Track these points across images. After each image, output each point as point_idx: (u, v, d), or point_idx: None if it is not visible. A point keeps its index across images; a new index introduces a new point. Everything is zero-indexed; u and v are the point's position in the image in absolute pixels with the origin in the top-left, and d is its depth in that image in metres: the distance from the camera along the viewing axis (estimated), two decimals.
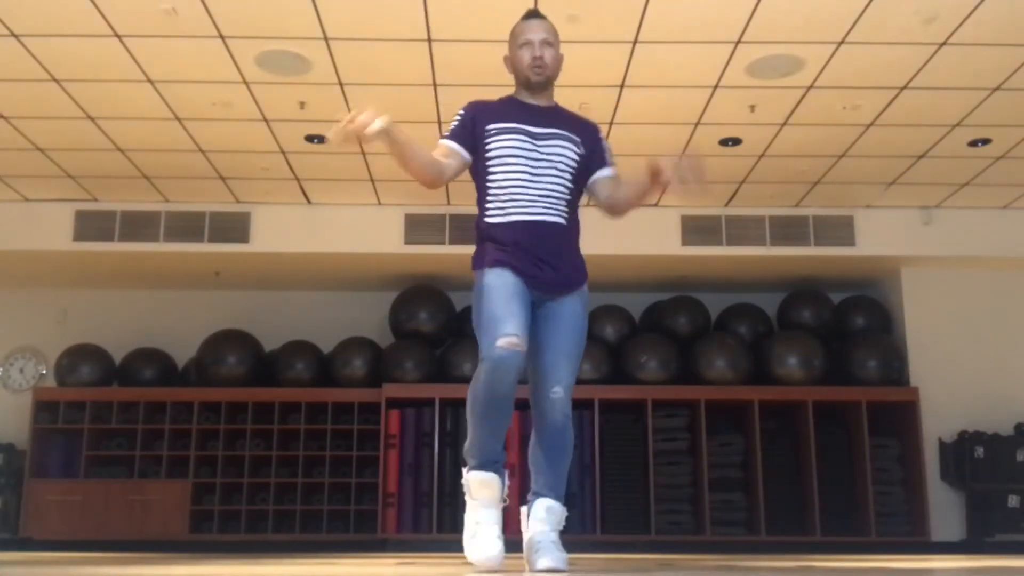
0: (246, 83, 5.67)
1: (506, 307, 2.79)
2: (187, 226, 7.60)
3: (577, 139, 3.02)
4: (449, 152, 2.96)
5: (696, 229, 7.72)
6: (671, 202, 7.66)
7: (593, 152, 3.08)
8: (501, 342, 2.72)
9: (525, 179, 2.91)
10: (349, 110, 2.64)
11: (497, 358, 2.72)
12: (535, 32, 3.03)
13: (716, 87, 5.74)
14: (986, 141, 6.48)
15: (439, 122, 6.07)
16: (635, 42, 5.20)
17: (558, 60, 3.08)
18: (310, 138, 6.47)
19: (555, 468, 2.96)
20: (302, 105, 5.96)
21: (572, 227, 3.00)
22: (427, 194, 7.18)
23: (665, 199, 7.59)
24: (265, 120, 6.20)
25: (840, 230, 7.72)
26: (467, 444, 2.96)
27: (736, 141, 6.53)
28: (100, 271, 8.19)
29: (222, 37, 5.13)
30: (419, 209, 7.66)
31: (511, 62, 3.07)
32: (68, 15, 4.88)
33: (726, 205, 7.72)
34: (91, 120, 6.16)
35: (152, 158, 6.79)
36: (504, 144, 2.94)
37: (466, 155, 2.98)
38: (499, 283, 2.84)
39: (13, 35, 5.08)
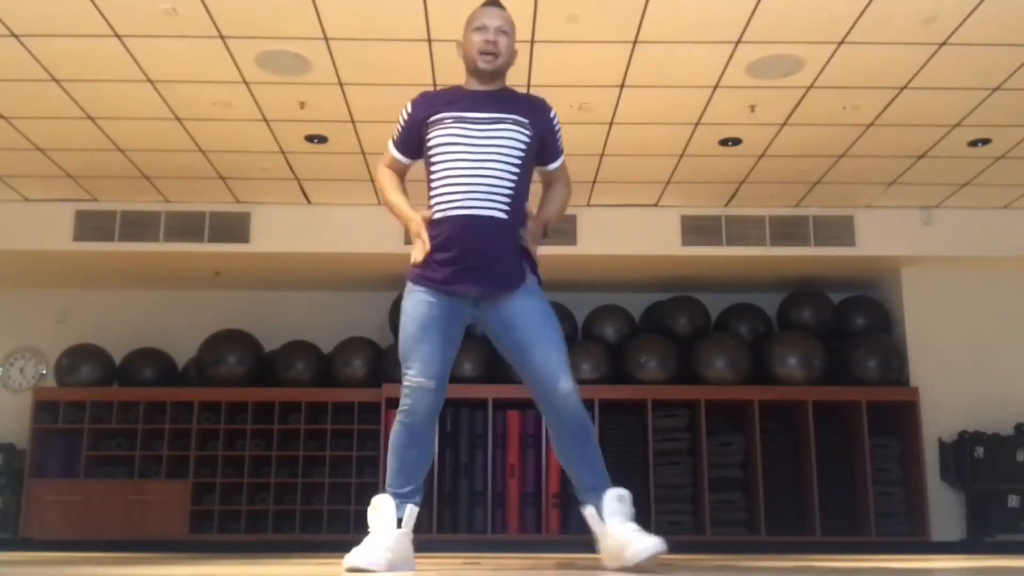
0: (246, 83, 5.67)
1: (422, 346, 2.83)
2: (187, 226, 7.60)
3: (525, 121, 2.91)
4: (391, 161, 3.09)
5: (696, 229, 7.72)
6: (671, 202, 7.66)
7: (545, 138, 3.00)
8: (410, 379, 2.82)
9: (463, 168, 2.84)
10: (349, 110, 2.68)
11: (410, 395, 2.83)
12: (491, 19, 2.99)
13: (716, 87, 5.74)
14: (986, 141, 6.48)
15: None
16: (635, 42, 5.20)
17: (512, 52, 3.01)
18: (310, 138, 6.47)
19: (592, 457, 2.93)
20: (302, 105, 5.96)
21: (513, 221, 2.87)
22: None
23: (665, 199, 7.60)
24: (265, 120, 6.20)
25: (840, 230, 7.72)
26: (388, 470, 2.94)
27: (736, 141, 6.53)
28: (100, 271, 8.19)
29: (222, 37, 5.13)
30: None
31: (463, 48, 3.03)
32: (68, 15, 4.88)
33: (726, 205, 7.72)
34: (91, 120, 6.16)
35: (152, 158, 6.79)
36: (443, 133, 2.89)
37: (404, 160, 3.07)
38: (413, 311, 2.87)
39: (13, 35, 5.08)
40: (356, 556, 2.66)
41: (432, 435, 2.93)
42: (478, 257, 2.83)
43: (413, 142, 3.01)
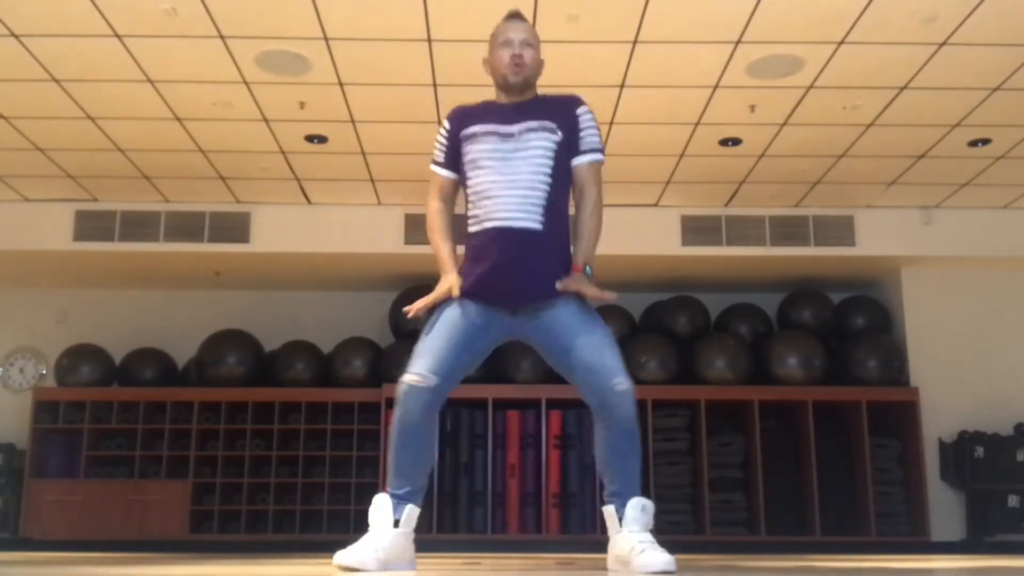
0: (246, 83, 5.67)
1: (433, 343, 2.84)
2: (187, 226, 7.60)
3: (552, 125, 2.91)
4: (439, 184, 3.06)
5: (696, 229, 7.72)
6: (671, 202, 7.66)
7: (572, 131, 2.96)
8: (407, 377, 2.81)
9: (496, 182, 2.85)
10: (349, 110, 2.68)
11: (403, 390, 2.82)
12: (516, 32, 2.98)
13: (716, 87, 5.74)
14: (986, 141, 6.48)
15: (439, 122, 6.05)
16: (635, 42, 5.20)
17: (538, 63, 3.02)
18: (310, 138, 6.47)
19: (635, 464, 2.90)
20: (302, 105, 5.96)
21: (550, 232, 2.86)
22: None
23: (665, 199, 7.60)
24: (265, 120, 6.20)
25: (840, 230, 7.72)
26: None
27: (736, 141, 6.53)
28: (100, 271, 8.19)
29: (222, 37, 5.13)
30: (419, 209, 7.65)
31: (490, 63, 3.03)
32: (68, 15, 4.88)
33: (726, 205, 7.72)
34: (91, 120, 6.16)
35: (152, 158, 6.79)
36: (477, 148, 2.91)
37: (449, 175, 3.04)
38: (445, 315, 2.88)
39: (13, 35, 5.08)
40: (347, 554, 2.67)
41: (431, 435, 2.89)
42: (512, 268, 2.83)
43: (453, 157, 3.02)
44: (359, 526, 7.59)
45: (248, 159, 6.82)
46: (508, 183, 2.85)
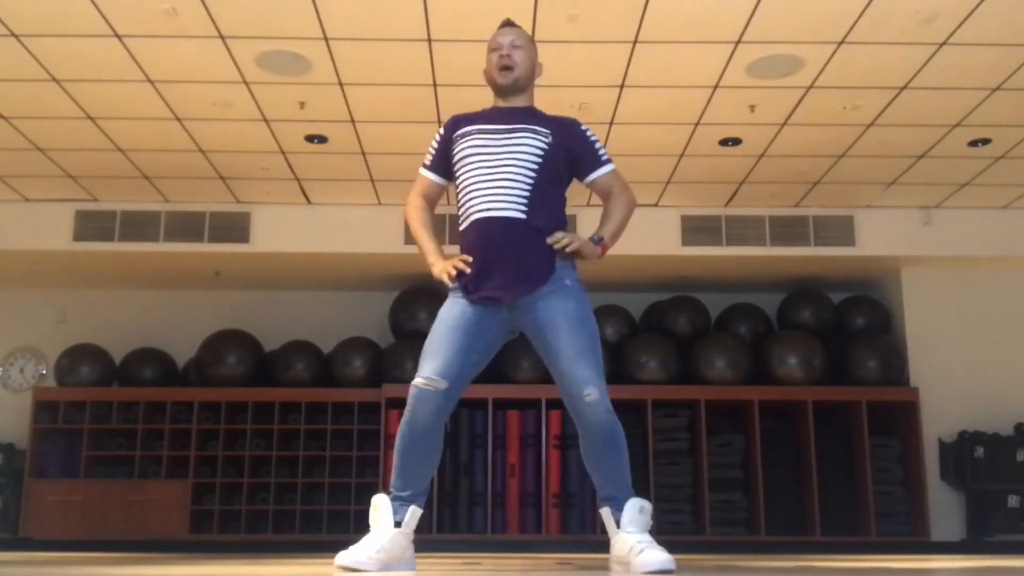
0: (246, 83, 5.67)
1: (439, 343, 2.87)
2: (187, 226, 7.60)
3: (545, 131, 2.95)
4: (424, 186, 3.13)
5: (696, 229, 7.72)
6: (671, 202, 7.66)
7: (578, 150, 3.02)
8: (418, 381, 2.84)
9: (481, 175, 2.91)
10: (349, 110, 2.71)
11: (414, 393, 2.84)
12: (505, 36, 3.06)
13: (716, 87, 5.74)
14: (986, 141, 6.48)
15: (439, 122, 6.07)
16: (635, 42, 5.20)
17: (530, 65, 3.05)
18: (310, 138, 6.47)
19: (619, 465, 2.89)
20: (302, 105, 5.96)
21: (536, 220, 2.88)
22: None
23: (665, 199, 7.60)
24: (265, 120, 6.20)
25: (840, 230, 7.72)
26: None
27: (736, 141, 6.53)
28: (100, 271, 8.19)
29: (222, 37, 5.13)
30: None
31: (486, 72, 3.10)
32: (68, 15, 4.88)
33: (726, 205, 7.72)
34: (91, 120, 6.16)
35: (152, 158, 6.79)
36: (466, 145, 2.97)
37: (436, 180, 3.11)
38: (444, 313, 2.92)
39: (13, 35, 5.08)
40: (348, 555, 2.68)
41: (438, 439, 2.89)
42: (498, 257, 2.86)
43: (444, 162, 3.07)
44: (359, 526, 7.59)
45: (248, 159, 6.82)
46: (491, 175, 2.90)
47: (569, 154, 3.01)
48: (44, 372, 8.59)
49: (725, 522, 7.62)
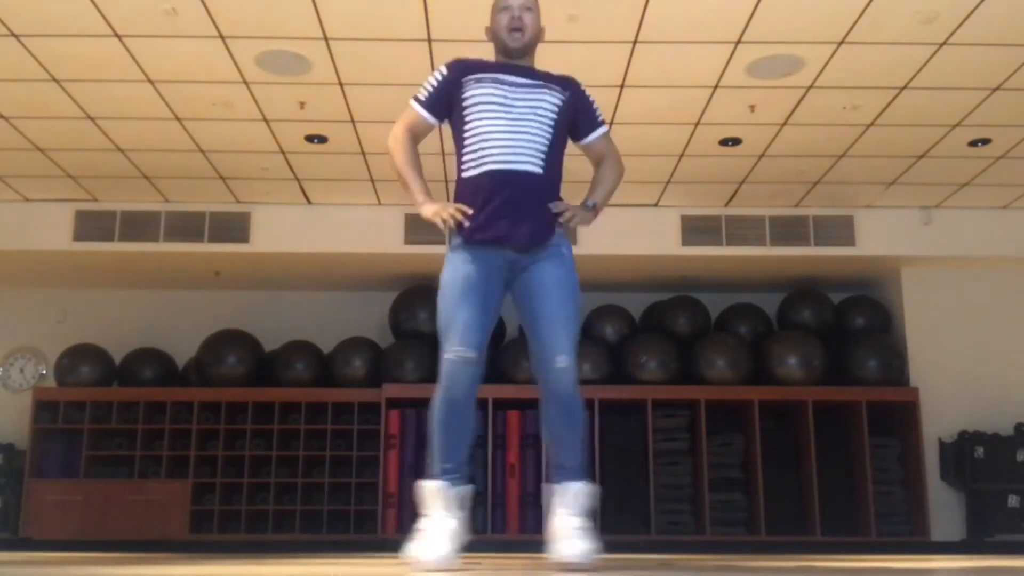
0: (246, 83, 5.67)
1: (458, 310, 2.83)
2: (187, 226, 7.60)
3: (558, 88, 2.99)
4: (414, 121, 3.02)
5: (696, 229, 7.72)
6: (671, 202, 7.66)
7: (579, 109, 3.05)
8: (448, 355, 2.81)
9: (502, 126, 2.87)
10: (349, 110, 2.70)
11: (449, 367, 2.81)
12: None
13: (716, 87, 5.74)
14: (986, 141, 6.48)
15: None
16: (635, 42, 5.20)
17: (537, 28, 3.06)
18: (310, 138, 6.47)
19: (573, 438, 2.91)
20: (302, 105, 5.96)
21: (550, 177, 2.92)
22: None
23: (665, 199, 7.60)
24: (265, 120, 6.20)
25: (840, 230, 7.72)
26: (428, 451, 2.93)
27: (736, 141, 6.53)
28: (100, 271, 8.19)
29: (222, 37, 5.13)
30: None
31: (491, 30, 3.06)
32: (68, 15, 4.88)
33: (726, 205, 7.72)
34: (91, 120, 6.16)
35: (152, 158, 6.79)
36: (481, 92, 2.91)
37: (430, 119, 3.02)
38: (451, 277, 2.88)
39: (13, 35, 5.08)
40: (419, 552, 2.73)
41: (475, 409, 2.91)
42: (513, 207, 2.85)
43: (443, 103, 3.00)
44: (359, 526, 7.61)
45: (248, 159, 6.82)
46: (512, 127, 2.87)
47: (573, 113, 3.04)
48: (44, 372, 8.59)
49: (725, 522, 7.62)
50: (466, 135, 2.92)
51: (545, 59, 3.43)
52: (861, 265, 8.01)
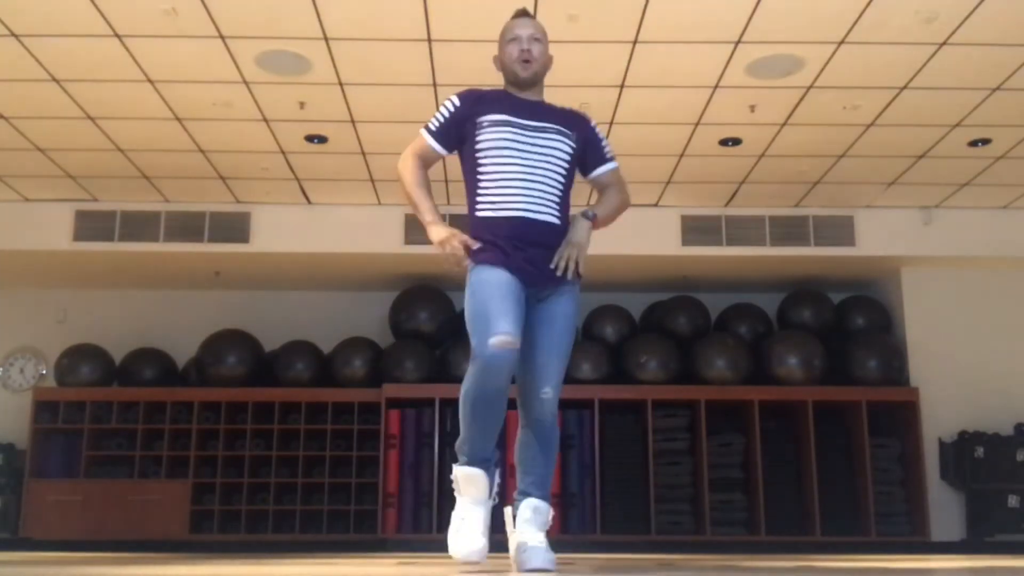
0: (246, 83, 5.67)
1: (499, 304, 2.79)
2: (187, 226, 7.60)
3: (570, 132, 3.01)
4: (424, 150, 3.05)
5: (696, 229, 7.72)
6: (671, 202, 7.66)
7: (588, 146, 3.09)
8: (494, 340, 2.73)
9: (518, 172, 2.90)
10: (349, 110, 2.71)
11: (489, 356, 2.75)
12: (524, 28, 3.04)
13: (716, 87, 5.74)
14: (986, 141, 6.48)
15: None
16: (635, 42, 5.20)
17: (547, 58, 3.07)
18: (310, 138, 6.47)
19: (546, 466, 3.00)
20: (302, 105, 5.96)
21: (564, 225, 2.97)
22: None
23: (665, 199, 7.60)
24: (265, 120, 6.20)
25: (840, 230, 7.72)
26: (459, 440, 2.96)
27: (736, 141, 6.53)
28: (100, 271, 8.19)
29: (222, 37, 5.13)
30: None
31: (500, 60, 3.08)
32: (68, 15, 4.88)
33: (726, 205, 7.72)
34: (91, 120, 6.16)
35: (152, 158, 6.79)
36: (496, 136, 2.93)
37: (441, 151, 3.05)
38: (492, 280, 2.84)
39: (13, 35, 5.08)
40: (458, 546, 2.79)
41: (507, 400, 2.94)
42: (538, 254, 2.89)
43: (454, 136, 3.03)
44: (359, 526, 7.61)
45: (248, 159, 6.82)
46: (528, 175, 2.91)
47: (582, 154, 3.08)
48: (44, 372, 8.59)
49: (725, 522, 7.62)
50: (481, 177, 2.95)
51: None
52: (861, 265, 8.01)
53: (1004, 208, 7.76)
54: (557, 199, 2.94)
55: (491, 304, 2.80)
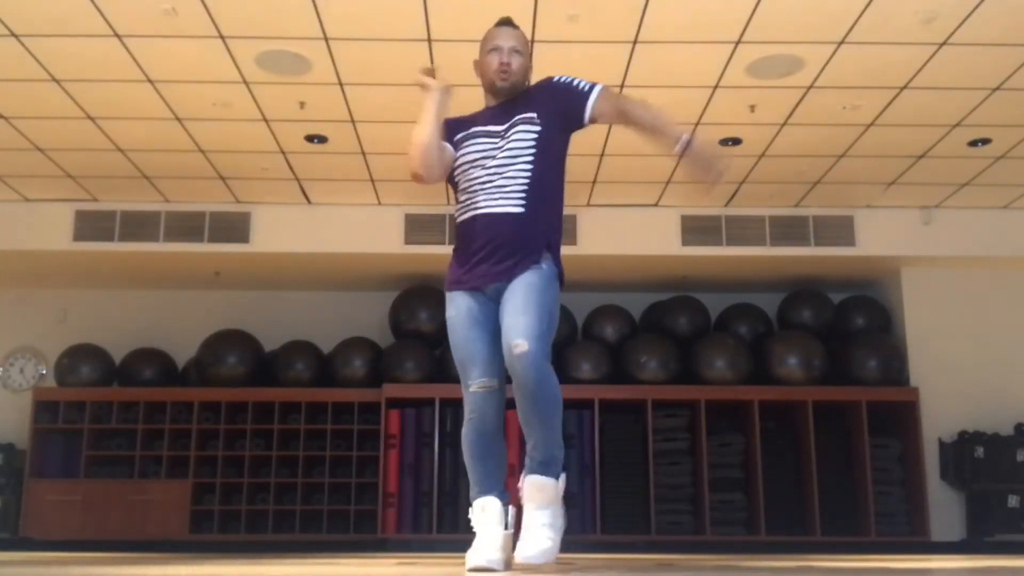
0: (246, 83, 5.67)
1: (470, 347, 2.91)
2: (187, 226, 7.60)
3: (532, 115, 2.99)
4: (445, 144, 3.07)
5: (696, 229, 7.72)
6: (671, 202, 7.66)
7: (562, 101, 3.04)
8: (473, 388, 2.90)
9: (478, 176, 2.96)
10: (349, 110, 2.73)
11: (475, 400, 2.92)
12: (505, 39, 3.08)
13: (716, 87, 5.74)
14: (986, 141, 6.48)
15: None
16: (635, 42, 5.20)
17: (526, 69, 3.11)
18: (310, 138, 6.47)
19: (541, 427, 2.89)
20: (302, 105, 5.96)
21: (533, 213, 2.92)
22: (427, 194, 7.18)
23: (665, 199, 7.60)
24: (265, 120, 6.20)
25: (840, 230, 7.72)
26: (470, 488, 3.05)
27: (736, 141, 6.53)
28: (100, 271, 8.19)
29: (222, 37, 5.13)
30: (419, 209, 7.66)
31: (480, 66, 3.13)
32: (68, 15, 4.88)
33: (726, 205, 7.72)
34: (91, 120, 6.16)
35: (152, 158, 6.79)
36: (468, 150, 3.01)
37: (453, 151, 3.07)
38: (456, 315, 2.95)
39: (13, 35, 5.08)
40: (473, 558, 2.79)
41: (504, 433, 2.99)
42: (493, 249, 2.91)
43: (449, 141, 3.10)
44: (359, 526, 7.61)
45: (248, 159, 6.82)
46: (489, 175, 2.95)
47: (559, 114, 3.03)
48: (44, 372, 8.59)
49: (725, 522, 7.62)
50: (459, 188, 3.05)
51: (545, 59, 3.44)
52: (861, 265, 8.01)
53: (1004, 208, 7.76)
54: (522, 189, 2.92)
55: (461, 346, 2.93)
